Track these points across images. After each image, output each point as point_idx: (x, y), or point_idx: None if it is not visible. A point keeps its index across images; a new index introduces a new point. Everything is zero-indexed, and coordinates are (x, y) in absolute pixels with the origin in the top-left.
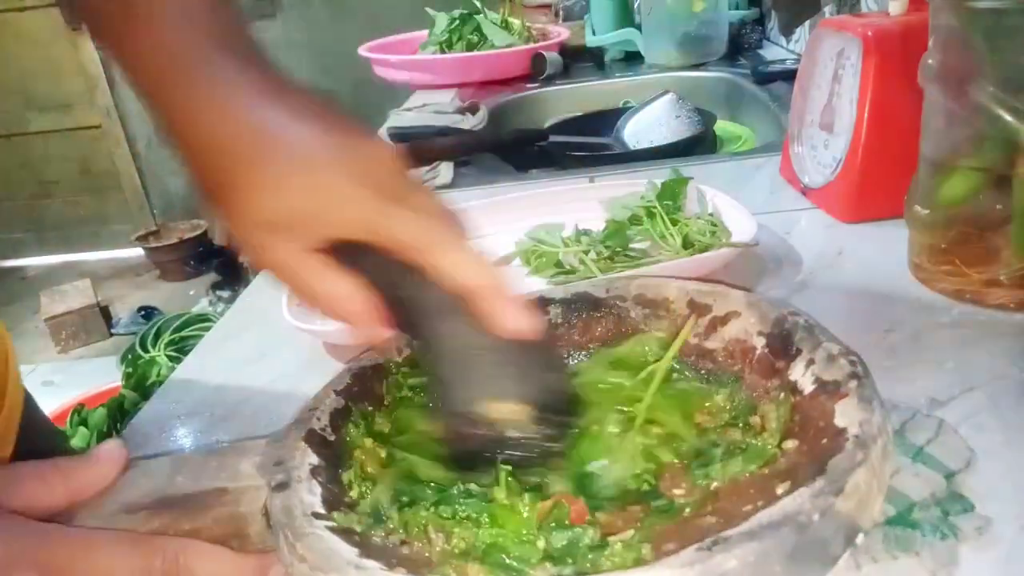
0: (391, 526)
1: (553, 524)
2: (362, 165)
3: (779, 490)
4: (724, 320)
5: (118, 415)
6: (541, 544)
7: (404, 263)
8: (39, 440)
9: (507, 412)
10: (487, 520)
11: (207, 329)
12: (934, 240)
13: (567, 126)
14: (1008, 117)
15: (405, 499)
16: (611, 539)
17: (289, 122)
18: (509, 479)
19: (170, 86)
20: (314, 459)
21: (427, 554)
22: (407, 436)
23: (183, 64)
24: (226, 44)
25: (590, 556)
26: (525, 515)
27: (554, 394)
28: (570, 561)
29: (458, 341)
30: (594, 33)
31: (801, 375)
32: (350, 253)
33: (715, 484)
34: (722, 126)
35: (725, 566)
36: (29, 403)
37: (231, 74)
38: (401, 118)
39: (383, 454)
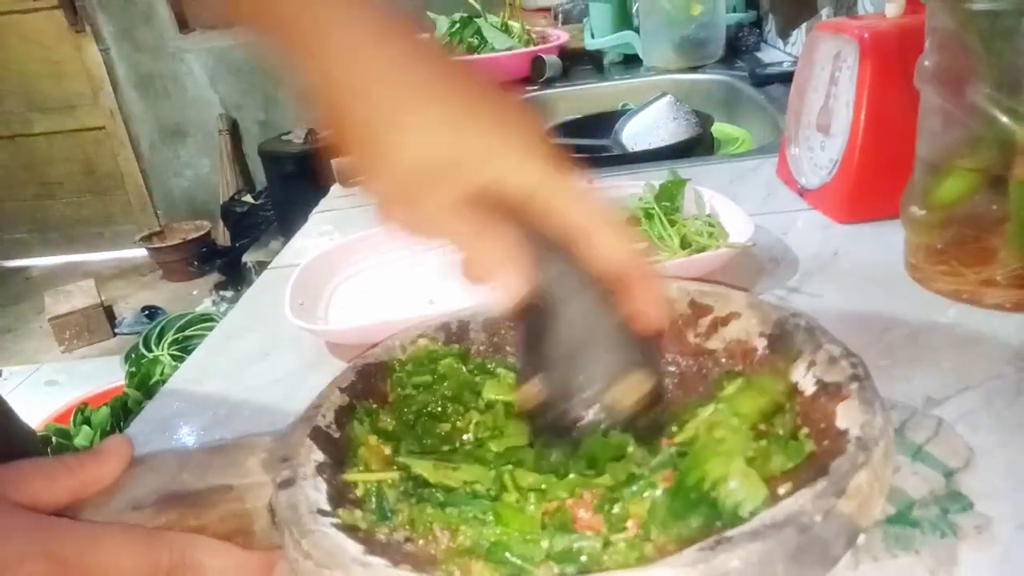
0: (396, 523)
1: (556, 526)
2: (521, 124)
3: (781, 490)
4: (725, 321)
5: (121, 414)
6: (545, 544)
7: (550, 232)
8: (14, 444)
9: (628, 385)
10: (492, 519)
11: (210, 329)
12: (930, 240)
13: (566, 128)
14: (1004, 118)
15: (412, 497)
16: (614, 537)
17: (442, 70)
18: (514, 481)
19: (321, 33)
20: (320, 456)
21: (431, 551)
22: (413, 434)
23: (331, 10)
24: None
25: (593, 555)
26: (530, 514)
27: (661, 380)
28: (573, 559)
29: (591, 318)
30: (593, 36)
31: (802, 376)
32: (497, 210)
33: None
34: (719, 128)
35: (728, 566)
36: (5, 412)
37: (380, 24)
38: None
39: (387, 451)
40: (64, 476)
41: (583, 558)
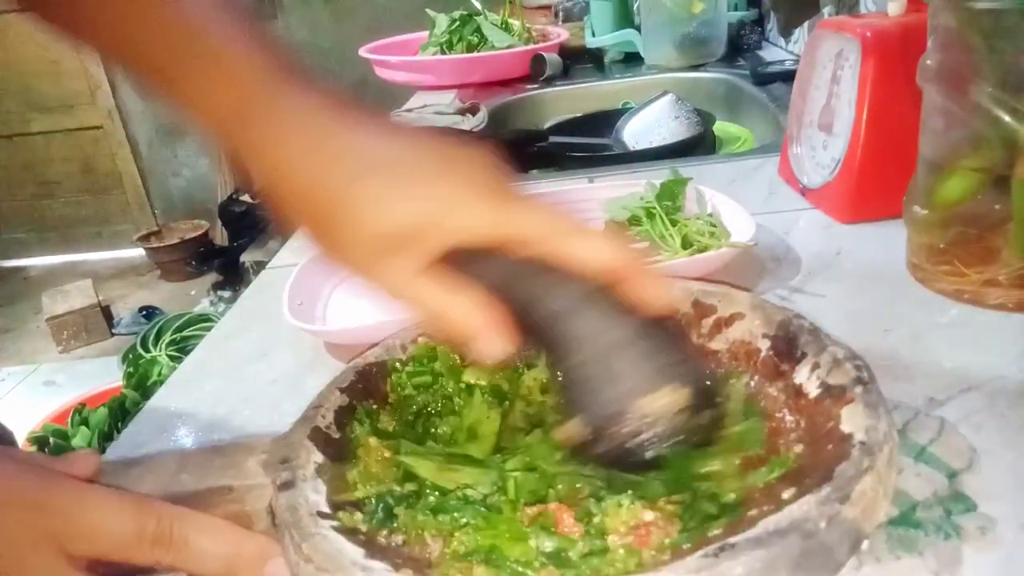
0: (395, 526)
1: (540, 528)
2: (467, 170)
3: (785, 495)
4: (729, 321)
5: (119, 415)
6: (533, 543)
7: (530, 262)
8: None
9: (665, 402)
10: (482, 523)
11: (208, 329)
12: (933, 240)
13: (567, 127)
14: (1007, 117)
15: (406, 501)
16: (613, 543)
17: (379, 137)
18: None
19: (246, 123)
20: (319, 457)
21: (428, 555)
22: (413, 436)
23: (252, 99)
24: (285, 71)
25: (593, 561)
26: (515, 517)
27: (699, 378)
28: (573, 565)
29: (601, 339)
30: (594, 34)
31: (806, 379)
32: (466, 264)
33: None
34: (721, 127)
35: (732, 573)
36: None
37: (304, 99)
38: (401, 119)
39: (387, 453)
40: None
41: (591, 560)
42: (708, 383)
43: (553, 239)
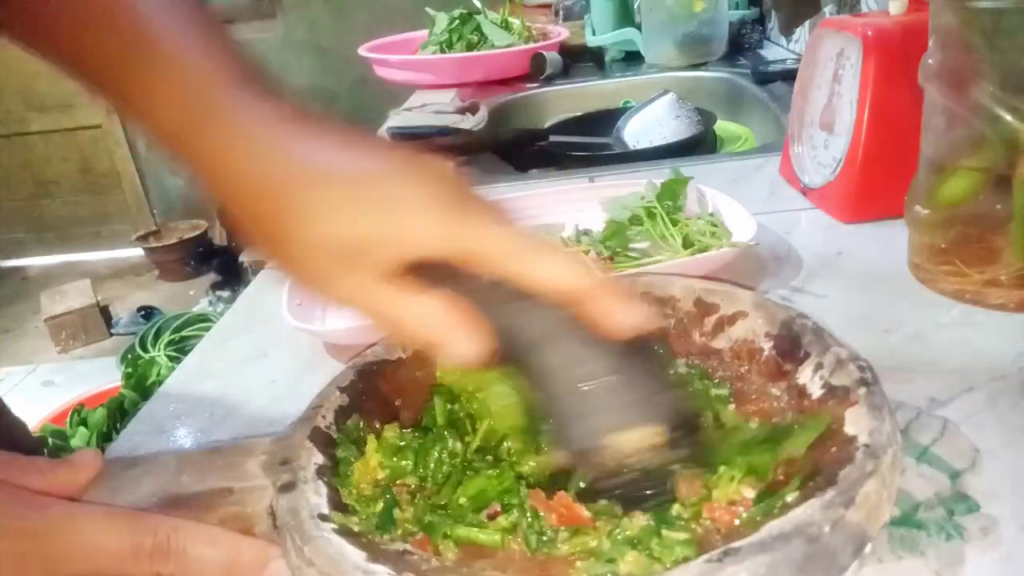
0: (397, 532)
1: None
2: (427, 180)
3: (788, 498)
4: (731, 320)
5: (118, 415)
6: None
7: (495, 286)
8: (9, 439)
9: (640, 440)
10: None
11: (207, 329)
12: (934, 240)
13: (567, 126)
14: (1008, 117)
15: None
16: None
17: (334, 147)
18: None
19: (197, 132)
20: (320, 458)
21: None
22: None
23: (204, 108)
24: (240, 80)
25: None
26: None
27: (678, 410)
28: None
29: (571, 372)
30: (594, 33)
31: (809, 379)
32: (427, 277)
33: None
34: (722, 126)
35: None
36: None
37: (258, 109)
38: (401, 118)
39: (380, 476)
40: (34, 477)
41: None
42: (684, 411)
43: (514, 257)
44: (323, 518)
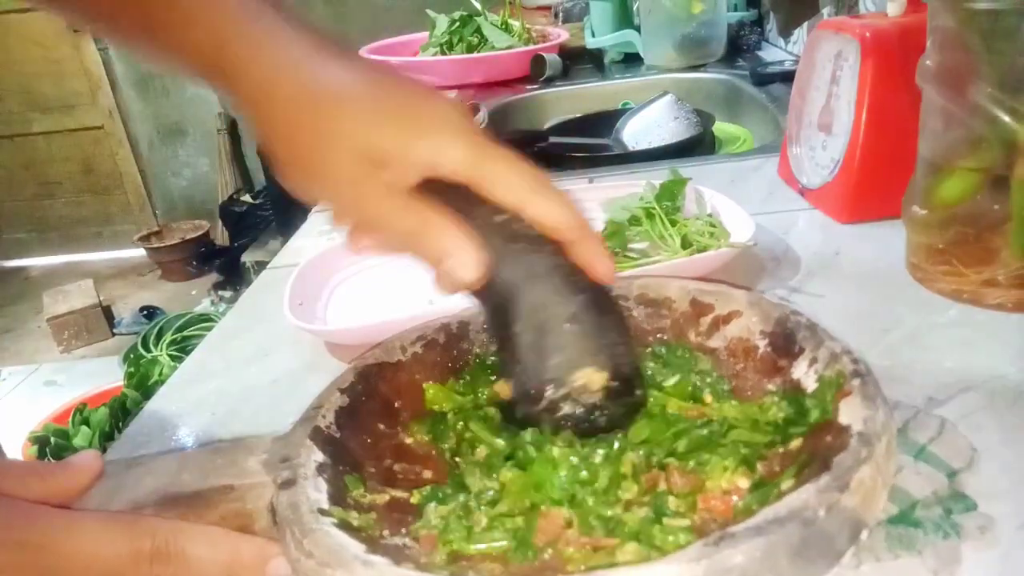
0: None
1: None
2: (451, 107)
3: (783, 486)
4: (726, 319)
5: (120, 415)
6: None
7: (501, 226)
8: None
9: (585, 380)
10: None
11: (209, 329)
12: (932, 240)
13: (567, 127)
14: (1006, 118)
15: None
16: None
17: (361, 68)
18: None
19: (230, 56)
20: (320, 456)
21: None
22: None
23: (235, 33)
24: (264, 6)
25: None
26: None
27: (626, 366)
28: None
29: (544, 312)
30: (593, 35)
31: (804, 373)
32: (440, 198)
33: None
34: (721, 127)
35: (731, 561)
36: None
37: (285, 33)
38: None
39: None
40: (34, 481)
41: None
42: (633, 370)
43: (521, 188)
44: (323, 512)
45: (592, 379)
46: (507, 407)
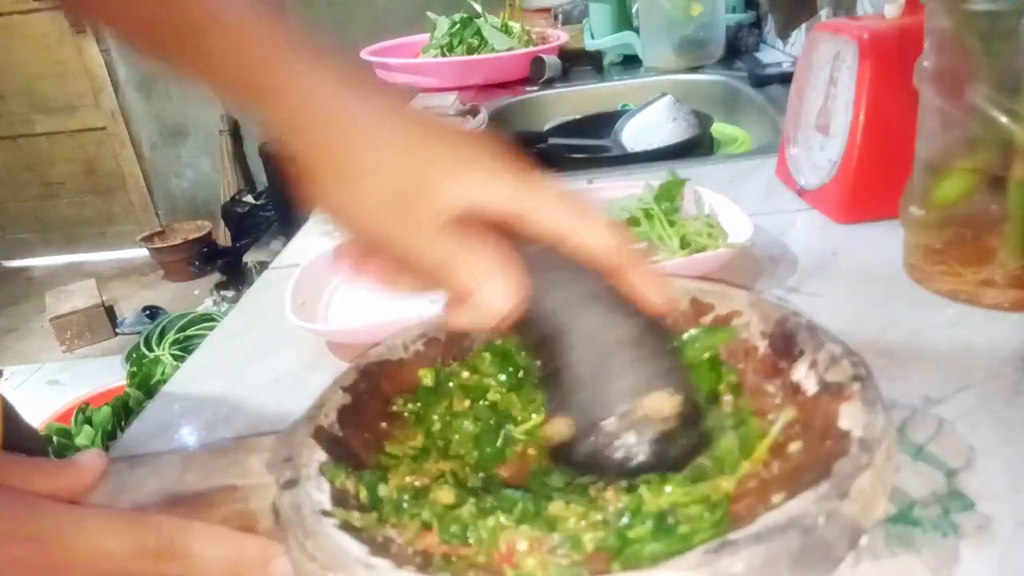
0: (396, 522)
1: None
2: (487, 146)
3: (775, 499)
4: (726, 319)
5: (122, 414)
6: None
7: (542, 252)
8: (21, 446)
9: (656, 404)
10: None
11: (211, 328)
12: (929, 241)
13: (566, 129)
14: (1003, 119)
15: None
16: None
17: (393, 105)
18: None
19: (271, 69)
20: (322, 456)
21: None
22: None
23: (278, 51)
24: (294, 40)
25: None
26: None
27: (691, 389)
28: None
29: (599, 338)
30: (593, 37)
31: (804, 376)
32: (475, 235)
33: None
34: (719, 128)
35: (731, 569)
36: (10, 413)
37: (323, 58)
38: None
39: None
40: (40, 478)
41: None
42: (697, 398)
43: (562, 219)
44: (325, 514)
45: (664, 404)
46: (562, 450)
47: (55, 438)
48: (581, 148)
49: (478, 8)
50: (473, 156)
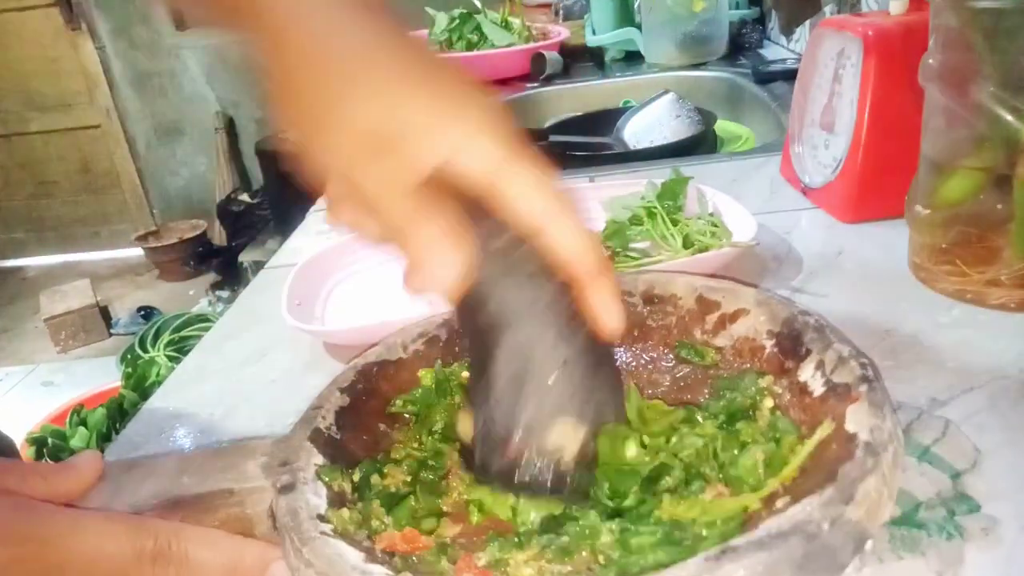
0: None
1: None
2: (484, 106)
3: (779, 504)
4: (733, 317)
5: (117, 415)
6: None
7: (505, 226)
8: None
9: (561, 432)
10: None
11: (206, 329)
12: (934, 240)
13: (567, 126)
14: (1009, 117)
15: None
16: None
17: (396, 37)
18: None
19: (259, 4)
20: (319, 459)
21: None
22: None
23: None
24: None
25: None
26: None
27: (606, 418)
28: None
29: (535, 351)
30: (594, 33)
31: (811, 376)
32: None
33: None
34: (722, 126)
35: None
36: None
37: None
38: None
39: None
40: (37, 482)
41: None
42: (612, 421)
43: (533, 212)
44: (322, 519)
45: (568, 436)
46: (467, 450)
47: (50, 440)
48: (582, 146)
49: (478, 3)
50: (458, 106)
